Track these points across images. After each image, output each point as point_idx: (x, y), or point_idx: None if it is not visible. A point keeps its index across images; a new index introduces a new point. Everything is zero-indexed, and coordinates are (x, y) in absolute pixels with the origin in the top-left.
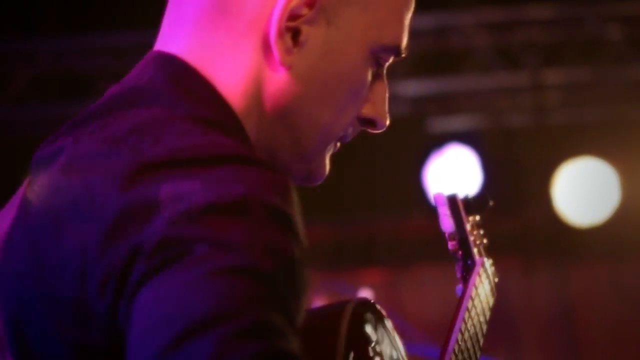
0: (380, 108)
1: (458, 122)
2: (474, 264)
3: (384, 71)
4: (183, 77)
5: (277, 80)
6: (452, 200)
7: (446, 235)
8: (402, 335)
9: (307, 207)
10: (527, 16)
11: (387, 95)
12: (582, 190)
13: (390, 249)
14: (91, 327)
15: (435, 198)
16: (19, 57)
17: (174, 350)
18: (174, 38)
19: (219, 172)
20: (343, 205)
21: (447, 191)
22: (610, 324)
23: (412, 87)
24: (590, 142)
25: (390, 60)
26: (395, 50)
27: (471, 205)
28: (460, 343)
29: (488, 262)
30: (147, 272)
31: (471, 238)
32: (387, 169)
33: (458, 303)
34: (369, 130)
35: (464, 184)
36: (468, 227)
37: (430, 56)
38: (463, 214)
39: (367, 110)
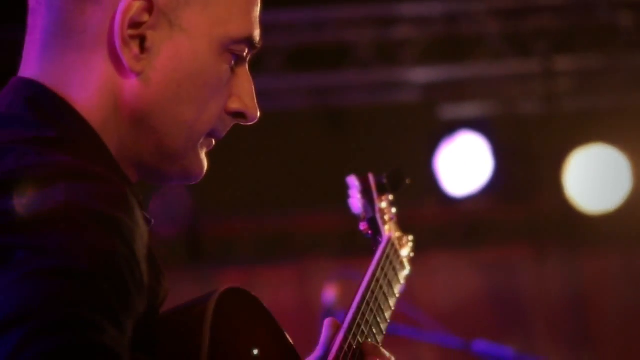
0: (246, 100)
1: (469, 109)
2: (382, 240)
3: (246, 64)
4: (39, 99)
5: (131, 87)
6: (364, 181)
7: (357, 216)
8: (414, 322)
9: (317, 195)
10: (537, 3)
11: (252, 87)
12: (593, 177)
13: None
14: None
15: (347, 181)
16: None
17: None
18: (31, 63)
19: (48, 189)
20: None
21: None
22: (622, 310)
23: (423, 74)
24: (602, 129)
25: (247, 52)
26: (247, 41)
27: (385, 184)
28: (358, 318)
29: (402, 237)
30: None
31: (380, 216)
32: (397, 156)
33: (361, 280)
34: (242, 123)
35: (475, 171)
36: (378, 206)
37: (441, 43)
38: (375, 193)
39: (234, 105)
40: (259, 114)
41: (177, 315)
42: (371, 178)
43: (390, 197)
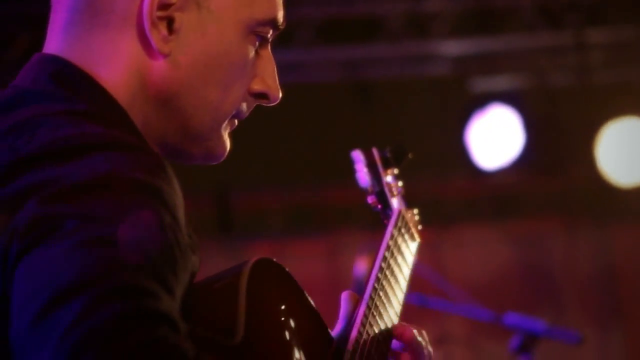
0: (269, 82)
1: (500, 82)
2: (392, 213)
3: (269, 46)
4: (65, 74)
5: (158, 68)
6: (368, 156)
7: (364, 190)
8: (444, 295)
9: (348, 168)
10: None
11: (274, 68)
12: (625, 150)
13: (432, 209)
14: None
15: (352, 156)
16: None
17: (43, 319)
18: (56, 40)
19: (87, 159)
20: None
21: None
22: None
23: (454, 47)
24: (634, 101)
25: (271, 33)
26: (272, 23)
27: (389, 159)
28: (378, 290)
29: (408, 211)
30: (22, 251)
31: (388, 189)
32: (429, 129)
33: (375, 252)
34: (264, 104)
35: (506, 145)
36: (385, 179)
37: (473, 16)
38: (380, 167)
39: (257, 85)
40: (280, 95)
41: (211, 284)
42: (375, 152)
43: (396, 171)
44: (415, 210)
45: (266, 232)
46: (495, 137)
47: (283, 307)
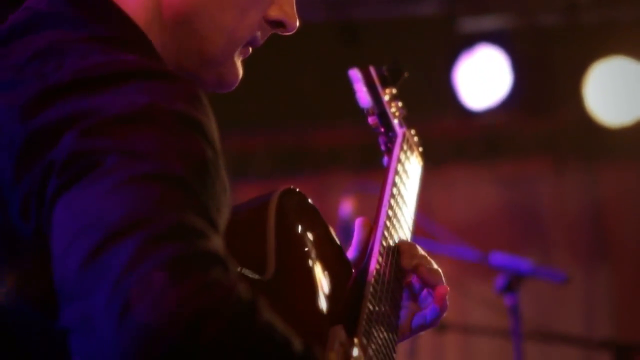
0: (287, 9)
1: (488, 22)
2: (395, 135)
3: None
4: None
5: None
6: (366, 74)
7: (365, 111)
8: (432, 235)
9: (334, 109)
10: None
11: None
12: (613, 90)
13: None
14: (20, 251)
15: (350, 75)
16: None
17: (94, 261)
18: None
19: (124, 88)
20: None
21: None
22: (639, 221)
23: None
24: (623, 41)
25: None
26: None
27: (387, 77)
28: (391, 216)
29: (410, 132)
30: (60, 187)
31: (390, 110)
32: (416, 69)
33: (384, 177)
34: (280, 33)
35: (494, 85)
36: (385, 99)
37: None
38: (379, 87)
39: (274, 13)
40: (298, 23)
41: (239, 217)
42: (372, 70)
43: (394, 90)
44: (413, 131)
45: (253, 174)
46: (483, 78)
47: (309, 238)
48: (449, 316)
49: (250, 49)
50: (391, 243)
